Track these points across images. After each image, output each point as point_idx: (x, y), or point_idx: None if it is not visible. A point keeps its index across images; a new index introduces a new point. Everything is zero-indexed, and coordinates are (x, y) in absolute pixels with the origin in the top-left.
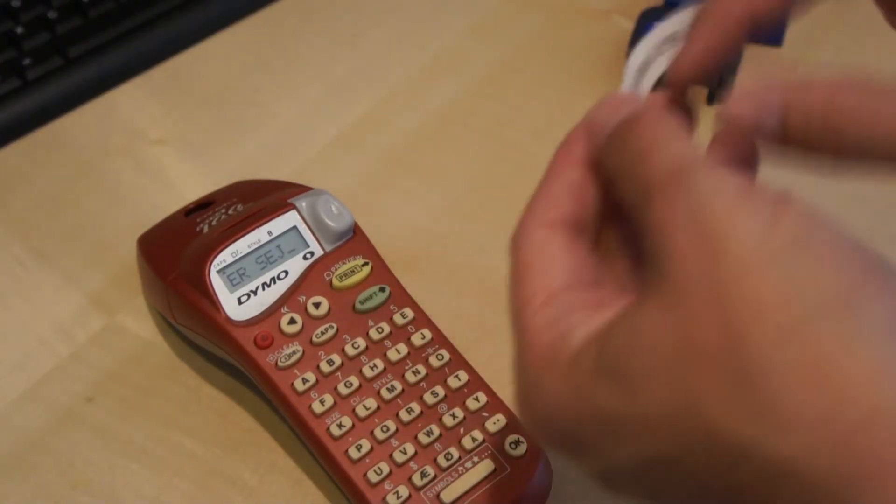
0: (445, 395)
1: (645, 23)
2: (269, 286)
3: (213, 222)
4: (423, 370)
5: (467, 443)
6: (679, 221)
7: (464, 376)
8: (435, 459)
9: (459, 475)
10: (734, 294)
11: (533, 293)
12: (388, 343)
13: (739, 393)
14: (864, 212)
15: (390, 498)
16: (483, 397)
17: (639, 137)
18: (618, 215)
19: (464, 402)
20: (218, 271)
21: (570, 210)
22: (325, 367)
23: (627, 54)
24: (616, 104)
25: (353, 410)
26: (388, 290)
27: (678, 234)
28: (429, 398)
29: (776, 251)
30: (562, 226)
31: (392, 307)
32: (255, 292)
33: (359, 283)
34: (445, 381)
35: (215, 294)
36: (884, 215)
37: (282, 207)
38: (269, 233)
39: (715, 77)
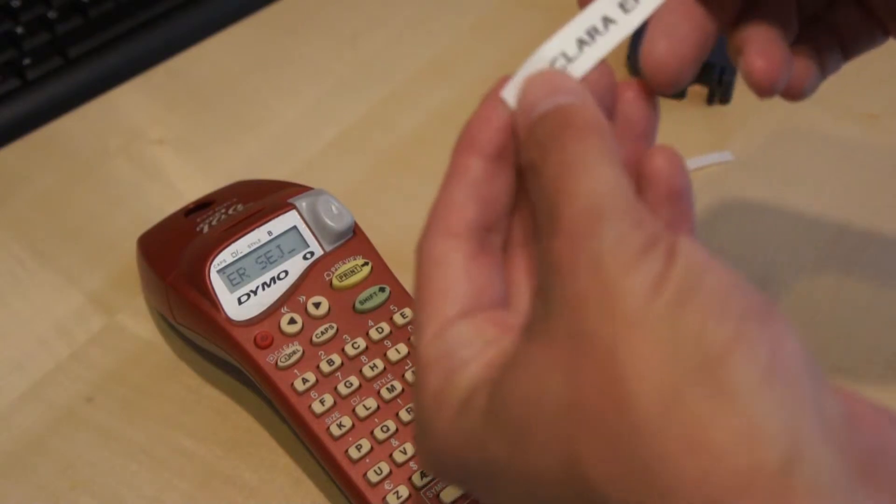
0: None
1: (645, 23)
2: (269, 286)
3: (213, 222)
4: None
5: None
6: (581, 268)
7: None
8: None
9: None
10: (623, 351)
11: (428, 318)
12: (388, 343)
13: (622, 456)
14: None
15: (390, 498)
16: None
17: (563, 148)
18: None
19: None
20: (218, 271)
21: (472, 214)
22: (325, 367)
23: (627, 54)
24: (554, 85)
25: (354, 410)
26: (388, 290)
27: (578, 280)
28: None
29: (662, 308)
30: (465, 235)
31: (392, 307)
32: (255, 292)
33: (359, 283)
34: None
35: (215, 294)
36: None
37: (282, 207)
38: (269, 233)
39: (715, 75)
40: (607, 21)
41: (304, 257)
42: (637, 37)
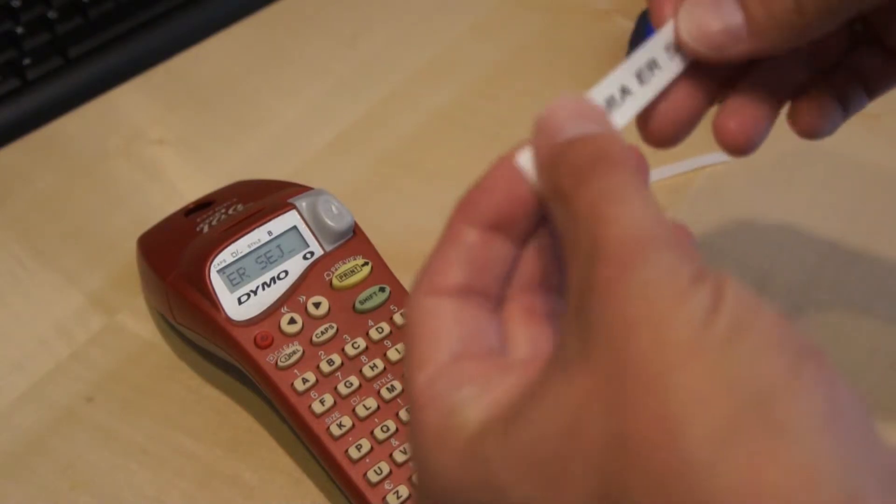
0: None
1: (645, 23)
2: (269, 286)
3: (213, 222)
4: None
5: None
6: (631, 294)
7: None
8: None
9: None
10: (675, 382)
11: (420, 364)
12: (388, 343)
13: (673, 492)
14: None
15: (390, 498)
16: None
17: (602, 177)
18: (534, 278)
19: None
20: (218, 271)
21: (462, 279)
22: (325, 367)
23: (627, 54)
24: (581, 111)
25: (354, 410)
26: (388, 290)
27: (629, 307)
28: None
29: (715, 341)
30: (455, 294)
31: (392, 307)
32: (255, 292)
33: (359, 283)
34: None
35: (215, 294)
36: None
37: (282, 207)
38: (269, 233)
39: None
40: (625, 91)
41: (304, 257)
42: (637, 37)
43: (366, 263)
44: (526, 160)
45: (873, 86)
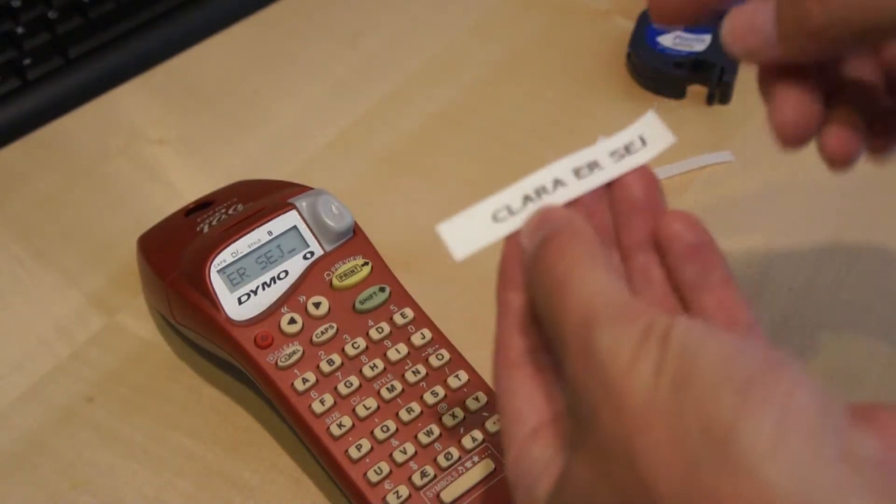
0: (445, 395)
1: (645, 23)
2: (269, 286)
3: (213, 222)
4: (423, 370)
5: (467, 442)
6: (590, 380)
7: (464, 376)
8: (435, 459)
9: (459, 475)
10: (639, 447)
11: (509, 442)
12: (388, 343)
13: None
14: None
15: (390, 498)
16: (483, 397)
17: (549, 272)
18: None
19: (464, 402)
20: (218, 271)
21: (523, 343)
22: (325, 367)
23: (628, 54)
24: (534, 222)
25: (354, 410)
26: (388, 290)
27: (591, 393)
28: (429, 398)
29: (664, 395)
30: (520, 361)
31: (392, 307)
32: (255, 292)
33: (359, 282)
34: (445, 380)
35: (215, 294)
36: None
37: (282, 207)
38: (269, 233)
39: (715, 75)
40: (557, 183)
41: (305, 257)
42: (637, 37)
43: (366, 263)
44: (524, 237)
45: None
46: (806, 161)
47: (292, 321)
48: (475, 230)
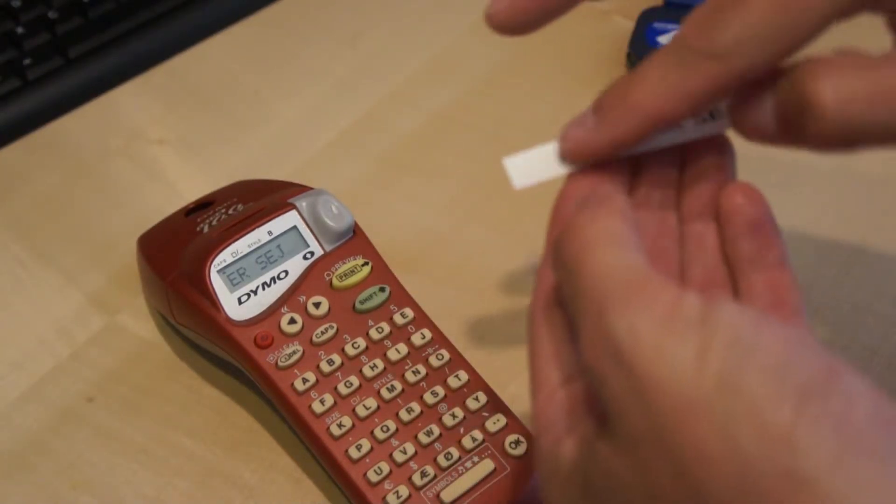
0: (445, 395)
1: (645, 23)
2: (269, 286)
3: (213, 222)
4: (423, 370)
5: (467, 442)
6: (607, 369)
7: (464, 376)
8: (435, 459)
9: (459, 475)
10: (679, 443)
11: (539, 384)
12: (388, 343)
13: None
14: (857, 185)
15: (390, 498)
16: (483, 397)
17: (566, 250)
18: None
19: (464, 402)
20: (218, 271)
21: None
22: (325, 367)
23: (627, 54)
24: (557, 218)
25: (353, 410)
26: (388, 290)
27: (610, 381)
28: (429, 398)
29: (709, 393)
30: (562, 304)
31: (392, 307)
32: (255, 292)
33: (359, 282)
34: (445, 380)
35: (215, 294)
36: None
37: (282, 207)
38: (269, 233)
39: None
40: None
41: (304, 257)
42: (637, 37)
43: (366, 263)
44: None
45: None
46: (805, 161)
47: (292, 321)
48: (538, 165)
